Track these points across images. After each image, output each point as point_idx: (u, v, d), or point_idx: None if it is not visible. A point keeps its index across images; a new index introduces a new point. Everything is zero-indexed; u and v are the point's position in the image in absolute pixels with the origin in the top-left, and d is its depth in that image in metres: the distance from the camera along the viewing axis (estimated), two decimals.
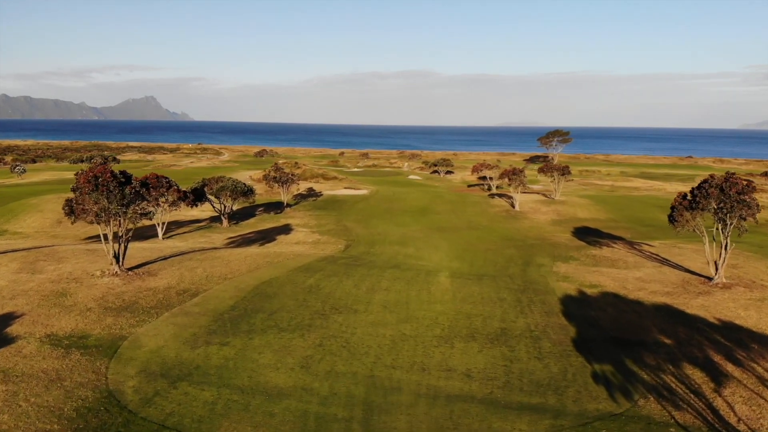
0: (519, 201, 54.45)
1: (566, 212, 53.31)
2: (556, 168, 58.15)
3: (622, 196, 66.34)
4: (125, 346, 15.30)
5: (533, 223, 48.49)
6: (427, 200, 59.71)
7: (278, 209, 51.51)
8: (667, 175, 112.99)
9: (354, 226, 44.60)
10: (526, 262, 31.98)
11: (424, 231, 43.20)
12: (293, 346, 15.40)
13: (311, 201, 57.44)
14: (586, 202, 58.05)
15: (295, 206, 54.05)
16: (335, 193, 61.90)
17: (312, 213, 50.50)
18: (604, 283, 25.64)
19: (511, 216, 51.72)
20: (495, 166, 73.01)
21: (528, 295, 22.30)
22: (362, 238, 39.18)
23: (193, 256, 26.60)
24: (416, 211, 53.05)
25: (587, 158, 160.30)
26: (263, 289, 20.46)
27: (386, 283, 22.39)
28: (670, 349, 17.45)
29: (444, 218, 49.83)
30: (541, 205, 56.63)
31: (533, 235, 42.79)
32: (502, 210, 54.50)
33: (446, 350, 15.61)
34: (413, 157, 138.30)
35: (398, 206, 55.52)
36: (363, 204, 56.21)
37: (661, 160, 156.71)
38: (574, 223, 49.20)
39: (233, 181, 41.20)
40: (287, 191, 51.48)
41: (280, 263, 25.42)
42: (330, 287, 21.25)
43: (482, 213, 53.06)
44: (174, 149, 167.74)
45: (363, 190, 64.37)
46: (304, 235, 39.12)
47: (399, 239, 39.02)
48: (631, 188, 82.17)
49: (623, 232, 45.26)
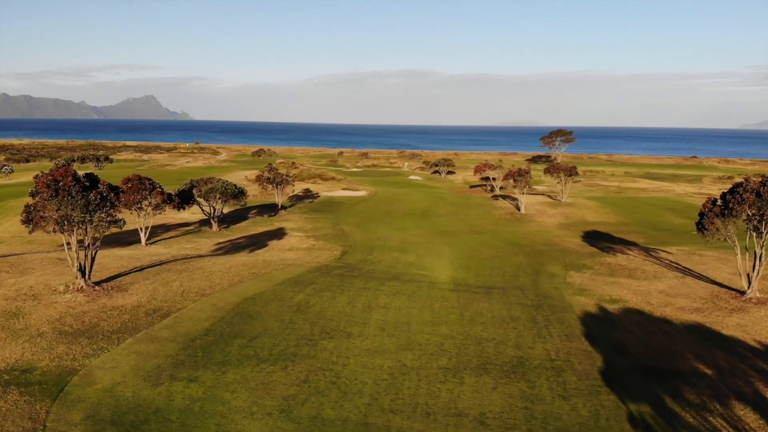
0: (524, 203, 52.04)
1: (574, 215, 50.90)
2: (562, 168, 55.74)
3: (631, 198, 63.93)
4: (75, 382, 12.89)
5: (540, 227, 46.07)
6: (428, 202, 57.32)
7: (272, 211, 49.10)
8: (673, 175, 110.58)
9: (351, 230, 42.20)
10: (537, 271, 29.57)
11: (425, 235, 40.79)
12: (273, 383, 12.99)
13: (307, 203, 55.02)
14: (594, 205, 55.65)
15: (291, 208, 51.63)
16: (333, 195, 59.49)
17: (308, 216, 48.08)
18: (626, 297, 23.23)
19: (516, 219, 49.30)
20: (498, 167, 70.57)
21: (544, 312, 19.89)
22: (360, 243, 36.77)
23: (173, 266, 24.18)
24: (417, 214, 50.64)
25: (590, 158, 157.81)
26: (245, 308, 18.04)
27: (385, 299, 19.99)
28: (713, 381, 15.04)
29: (446, 221, 47.43)
30: (548, 207, 54.21)
31: (541, 240, 40.37)
32: (506, 212, 52.07)
33: (454, 387, 13.20)
34: (413, 157, 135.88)
35: (398, 208, 53.12)
36: (361, 206, 53.80)
37: (665, 160, 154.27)
38: (583, 226, 46.79)
39: (223, 182, 38.79)
40: (282, 193, 49.08)
41: (268, 275, 23.00)
42: (321, 305, 18.83)
43: (486, 216, 50.64)
44: (171, 148, 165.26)
45: (361, 192, 61.98)
46: (297, 241, 36.70)
47: (399, 245, 36.61)
48: (639, 189, 79.77)
49: (636, 236, 42.85)
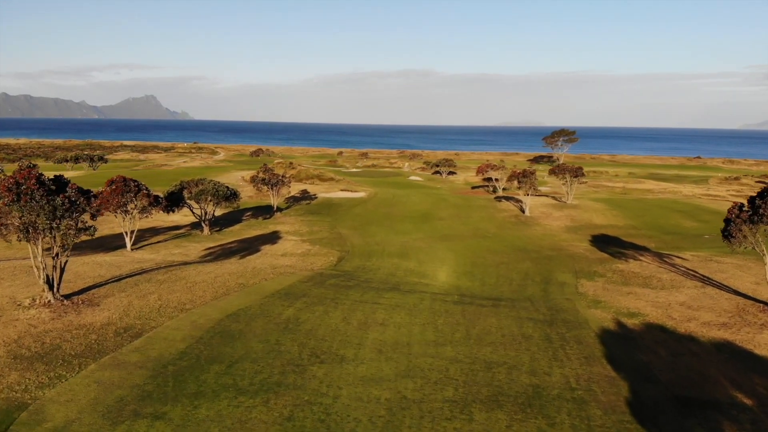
0: (529, 205, 50.21)
1: (581, 218, 49.08)
2: (568, 169, 53.92)
3: (637, 200, 62.11)
4: (22, 419, 11.09)
5: (546, 231, 44.24)
6: (429, 204, 55.51)
7: (268, 214, 47.28)
8: (678, 176, 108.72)
9: (349, 233, 40.38)
10: (546, 279, 27.75)
11: (426, 240, 38.97)
12: (252, 421, 11.17)
13: (304, 204, 53.21)
14: (601, 207, 53.82)
15: (287, 210, 49.81)
16: (331, 196, 57.67)
17: (304, 218, 46.26)
18: (645, 310, 21.41)
19: (521, 222, 47.48)
20: (501, 167, 68.77)
21: (558, 329, 18.07)
22: (358, 248, 34.95)
23: (154, 275, 22.37)
24: (418, 217, 48.83)
25: (593, 158, 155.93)
26: (227, 326, 16.22)
27: (383, 314, 18.17)
28: (754, 413, 13.23)
29: (448, 225, 45.61)
30: (553, 209, 52.40)
31: (548, 244, 38.54)
32: (511, 215, 50.25)
33: (463, 425, 11.38)
34: (414, 157, 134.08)
35: (398, 211, 51.31)
36: (360, 208, 51.99)
37: (668, 161, 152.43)
38: (591, 230, 44.97)
39: (214, 184, 36.98)
40: (277, 194, 47.27)
41: (256, 286, 21.18)
42: (312, 321, 17.01)
43: (490, 218, 48.82)
44: (168, 148, 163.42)
45: (360, 193, 60.16)
46: (292, 245, 34.88)
47: (399, 250, 34.79)
48: (645, 191, 77.94)
49: (646, 241, 41.05)
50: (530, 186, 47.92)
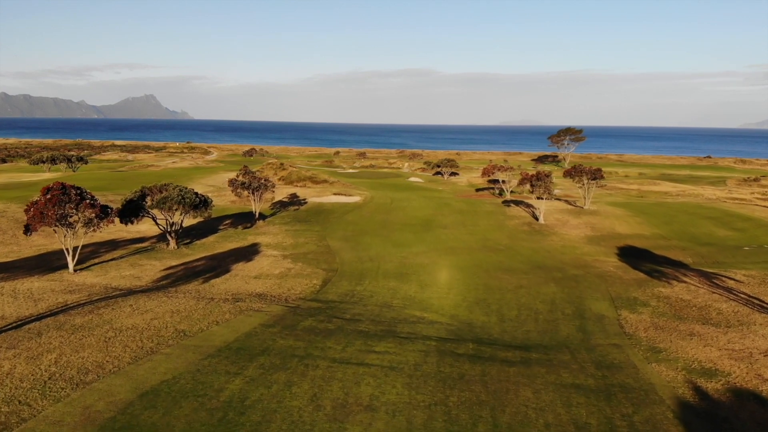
0: (543, 212, 44.76)
1: (602, 226, 43.66)
2: (585, 171, 48.50)
3: (657, 204, 56.69)
4: None
5: (565, 242, 38.84)
6: (431, 209, 50.10)
7: (249, 222, 41.86)
8: (691, 177, 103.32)
9: (340, 246, 34.97)
10: (579, 311, 22.35)
11: (429, 254, 33.57)
12: None
13: (292, 210, 47.75)
14: (622, 213, 48.39)
15: (272, 218, 44.36)
16: (322, 201, 52.22)
17: (290, 227, 40.80)
18: (722, 364, 16.00)
19: (535, 231, 42.06)
20: (509, 168, 63.32)
21: (620, 406, 12.66)
22: (348, 266, 29.55)
23: (71, 317, 16.94)
24: (419, 225, 43.41)
25: (599, 158, 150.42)
26: (134, 417, 10.76)
27: (371, 387, 12.74)
28: None
29: (453, 234, 40.18)
30: (569, 215, 46.97)
31: (571, 259, 33.15)
32: (522, 223, 44.81)
33: None
34: (414, 157, 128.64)
35: (396, 218, 45.87)
36: (354, 215, 46.54)
37: (677, 161, 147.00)
38: (615, 240, 39.59)
39: (180, 190, 31.55)
40: (260, 200, 41.83)
41: (201, 335, 15.73)
42: (265, 405, 11.54)
43: (499, 227, 43.40)
44: (160, 148, 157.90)
45: (355, 197, 54.72)
46: (270, 263, 29.46)
47: (397, 268, 29.38)
48: (662, 193, 72.55)
49: (680, 254, 35.70)
50: (545, 190, 42.50)
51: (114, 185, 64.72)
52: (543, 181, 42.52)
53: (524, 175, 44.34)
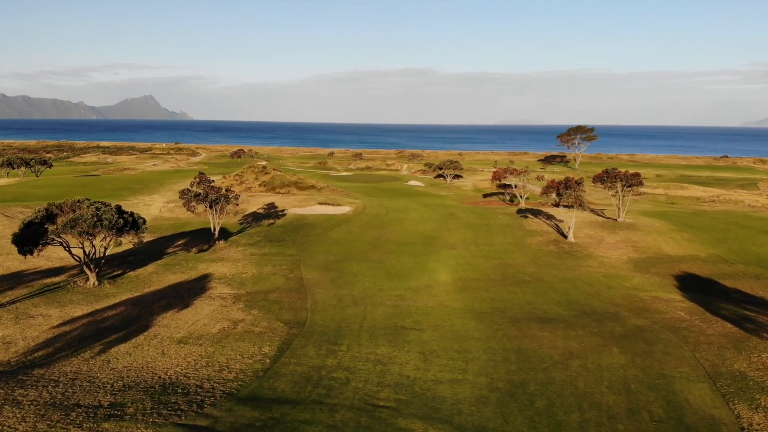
0: (573, 226, 36.33)
1: (645, 245, 35.32)
2: (620, 177, 40.18)
3: (698, 214, 48.31)
4: None
5: (606, 268, 30.54)
6: (434, 222, 41.78)
7: (207, 243, 33.55)
8: (716, 179, 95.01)
9: (316, 278, 26.67)
10: (674, 410, 14.01)
11: (434, 290, 25.26)
12: None
13: (266, 226, 39.39)
14: (663, 227, 40.03)
15: (237, 236, 36.01)
16: (304, 213, 43.82)
17: (257, 250, 32.44)
18: None
19: (565, 252, 33.74)
20: (522, 171, 55.00)
21: None
22: (322, 314, 21.26)
23: None
24: (419, 243, 35.11)
25: (610, 158, 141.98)
26: None
27: None
28: None
29: (464, 258, 31.84)
30: (603, 231, 38.63)
31: (622, 297, 24.83)
32: (547, 240, 36.50)
33: None
34: (413, 158, 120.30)
35: (392, 234, 37.55)
36: (341, 231, 38.20)
37: (693, 161, 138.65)
38: (667, 265, 31.32)
39: (97, 208, 23.24)
40: (221, 215, 33.48)
41: None
42: None
43: (520, 246, 35.08)
44: (146, 149, 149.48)
45: (345, 207, 46.34)
46: (212, 312, 21.14)
47: (390, 318, 21.10)
48: (693, 199, 64.27)
49: (756, 285, 27.48)
50: (576, 201, 34.17)
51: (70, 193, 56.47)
52: (573, 190, 34.24)
53: (550, 183, 36.06)
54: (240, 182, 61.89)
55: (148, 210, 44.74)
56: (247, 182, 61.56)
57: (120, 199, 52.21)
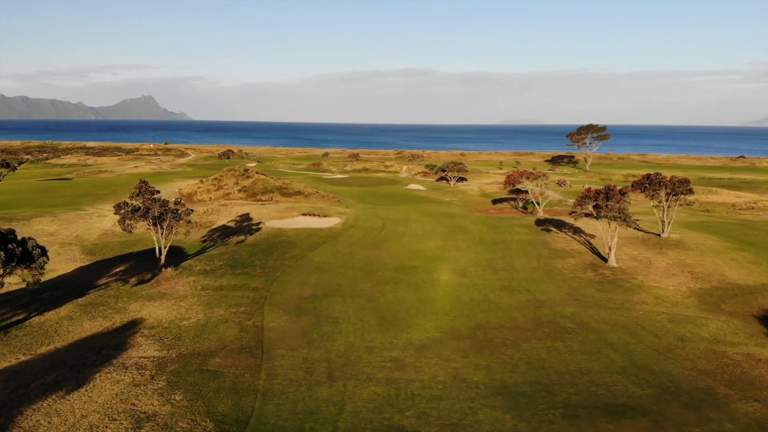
0: (615, 247, 29.00)
1: (704, 270, 28.16)
2: (665, 183, 33.08)
3: (748, 226, 41.05)
4: None
5: (667, 306, 23.39)
6: (439, 238, 34.63)
7: (153, 269, 26.42)
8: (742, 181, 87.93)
9: (281, 329, 19.57)
10: None
11: (445, 347, 18.12)
12: None
13: (233, 244, 32.20)
14: (719, 245, 32.81)
15: (194, 259, 28.85)
16: (282, 226, 36.62)
17: (214, 281, 25.25)
18: None
19: (607, 281, 26.59)
20: (540, 175, 47.87)
21: None
22: (277, 403, 14.14)
23: None
24: (422, 269, 27.96)
25: (621, 159, 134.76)
26: None
27: None
28: None
29: (479, 291, 24.66)
30: (647, 250, 31.45)
31: (706, 360, 17.67)
32: (581, 263, 29.34)
33: None
34: (413, 159, 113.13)
35: (388, 256, 30.37)
36: (324, 252, 31.01)
37: (708, 161, 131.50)
38: (740, 300, 24.21)
39: None
40: (168, 234, 26.31)
41: None
42: None
43: (548, 272, 27.91)
44: (132, 150, 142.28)
45: (333, 219, 39.13)
46: (110, 400, 14.02)
47: (381, 407, 13.97)
48: (728, 206, 57.14)
49: None
50: (620, 216, 26.98)
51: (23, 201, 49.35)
52: (616, 200, 27.11)
53: (586, 192, 28.92)
54: (218, 187, 54.77)
55: (101, 223, 37.66)
56: (225, 187, 54.43)
57: (76, 207, 45.13)
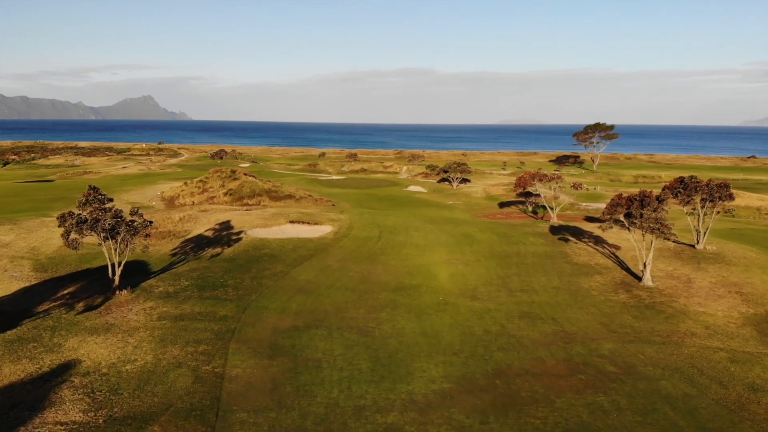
0: (650, 263, 24.80)
1: (754, 290, 23.97)
2: (700, 187, 28.93)
3: None
4: None
5: (722, 339, 19.20)
6: (443, 249, 30.41)
7: (107, 291, 22.26)
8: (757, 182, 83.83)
9: (246, 380, 15.41)
10: None
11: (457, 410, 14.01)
12: None
13: (207, 259, 27.98)
14: (763, 258, 28.50)
15: (157, 278, 24.65)
16: (267, 236, 32.42)
17: (172, 309, 21.02)
18: None
19: (645, 305, 22.42)
20: (555, 176, 43.67)
21: None
22: None
23: None
24: (425, 290, 23.77)
25: (628, 158, 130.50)
26: None
27: None
28: None
29: (495, 319, 20.48)
30: (683, 264, 27.25)
31: None
32: (610, 282, 25.17)
33: None
34: (414, 159, 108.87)
35: (386, 272, 26.17)
36: (312, 268, 26.79)
37: (718, 161, 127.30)
38: None
39: None
40: (123, 250, 22.14)
41: None
42: None
43: (574, 294, 23.73)
44: (123, 150, 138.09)
45: (324, 227, 34.91)
46: None
47: None
48: (753, 210, 53.00)
49: None
50: (659, 227, 22.82)
51: None
52: (651, 208, 22.96)
53: (617, 199, 24.67)
54: (202, 190, 50.62)
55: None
56: (210, 190, 50.29)
57: (44, 213, 41.01)
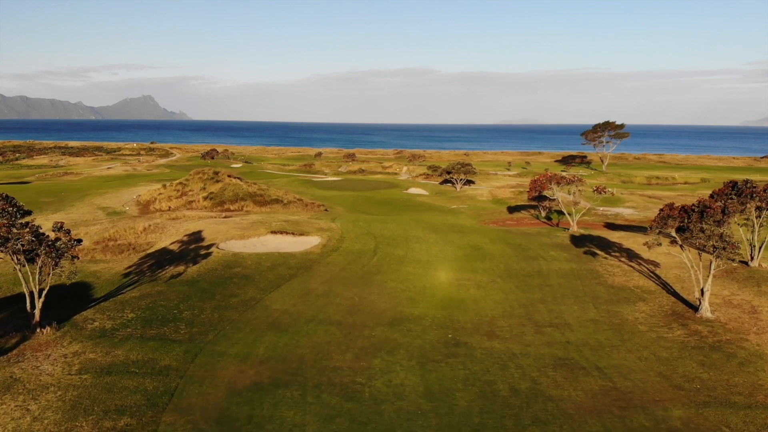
0: (708, 289, 19.99)
1: None
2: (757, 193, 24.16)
3: None
4: None
5: None
6: (450, 266, 25.63)
7: (21, 330, 17.50)
8: None
9: None
10: None
11: None
12: None
13: (163, 282, 23.15)
14: None
15: (97, 307, 19.81)
16: (243, 250, 27.57)
17: (102, 355, 16.18)
18: None
19: (709, 345, 17.63)
20: (575, 179, 38.82)
21: None
22: None
23: None
24: (428, 323, 18.99)
25: (637, 158, 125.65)
26: None
27: None
28: None
29: (521, 369, 15.67)
30: (742, 289, 22.43)
31: None
32: (658, 312, 20.40)
33: None
34: (414, 159, 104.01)
35: (381, 298, 21.37)
36: (291, 293, 21.97)
37: (731, 162, 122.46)
38: None
39: None
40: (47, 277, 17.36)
41: None
42: None
43: (617, 330, 18.92)
44: (114, 149, 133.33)
45: (311, 239, 30.05)
46: None
47: None
48: None
49: None
50: (723, 244, 18.07)
51: None
52: (713, 221, 18.22)
53: (668, 210, 19.83)
54: (181, 193, 45.90)
55: None
56: (190, 194, 45.56)
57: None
